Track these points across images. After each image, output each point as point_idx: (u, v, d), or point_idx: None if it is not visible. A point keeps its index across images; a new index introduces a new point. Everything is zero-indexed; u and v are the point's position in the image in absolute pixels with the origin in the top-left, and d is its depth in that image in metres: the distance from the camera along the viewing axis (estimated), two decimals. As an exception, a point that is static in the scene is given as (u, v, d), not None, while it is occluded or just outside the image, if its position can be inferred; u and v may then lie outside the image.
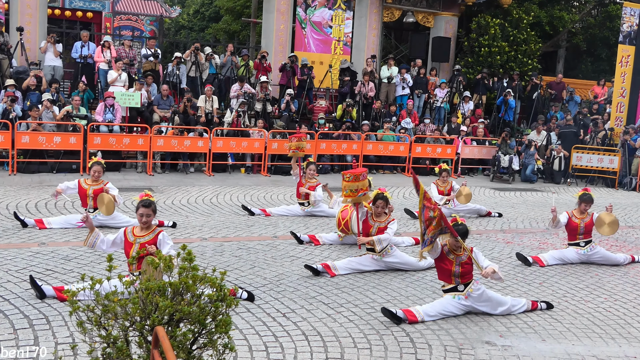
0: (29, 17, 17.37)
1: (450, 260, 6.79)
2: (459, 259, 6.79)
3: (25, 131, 13.94)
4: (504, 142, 18.15)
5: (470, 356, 5.92)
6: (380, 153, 17.49)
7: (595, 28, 26.17)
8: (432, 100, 20.14)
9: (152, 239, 6.60)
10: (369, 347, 5.94)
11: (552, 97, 21.63)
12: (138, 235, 6.63)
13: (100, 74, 16.86)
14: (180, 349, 3.66)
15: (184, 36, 34.09)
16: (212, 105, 16.53)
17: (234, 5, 32.18)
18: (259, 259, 8.53)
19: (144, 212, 6.62)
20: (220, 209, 11.62)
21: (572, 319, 7.05)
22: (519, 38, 22.11)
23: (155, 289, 3.69)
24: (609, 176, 18.36)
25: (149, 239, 6.59)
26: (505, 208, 13.63)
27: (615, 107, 19.73)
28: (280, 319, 6.43)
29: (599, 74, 25.52)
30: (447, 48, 22.05)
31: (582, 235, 9.34)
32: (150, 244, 6.53)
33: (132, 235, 6.65)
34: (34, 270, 7.34)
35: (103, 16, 31.27)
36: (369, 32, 21.49)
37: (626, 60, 19.42)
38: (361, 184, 8.36)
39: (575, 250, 9.35)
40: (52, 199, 10.59)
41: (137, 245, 6.53)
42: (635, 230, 12.23)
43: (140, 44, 23.56)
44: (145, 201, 6.68)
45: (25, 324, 5.82)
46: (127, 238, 6.65)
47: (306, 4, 20.68)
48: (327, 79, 19.75)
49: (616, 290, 8.23)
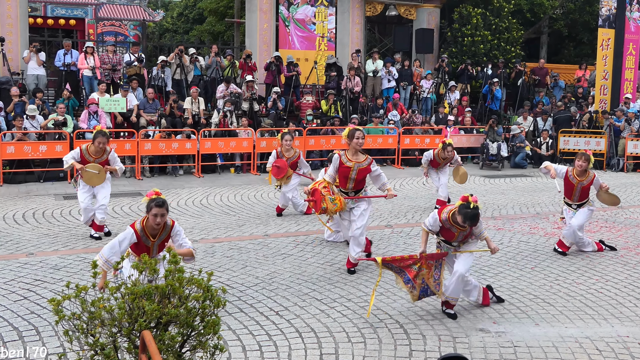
0: (9, 27, 17.26)
1: (453, 233, 6.63)
2: (462, 233, 6.61)
3: (10, 141, 13.85)
4: (491, 130, 18.18)
5: (464, 344, 5.93)
6: (369, 146, 17.48)
7: (575, 13, 26.25)
8: (418, 91, 20.17)
9: (168, 236, 6.20)
10: (363, 341, 5.94)
11: (536, 82, 21.69)
12: (154, 240, 6.13)
13: (84, 81, 16.78)
14: (169, 352, 3.64)
15: (169, 39, 33.98)
16: (198, 106, 16.50)
17: (217, 6, 32.07)
18: (250, 258, 8.51)
19: (158, 212, 5.97)
20: (211, 210, 11.59)
21: (565, 302, 7.07)
22: (501, 26, 22.17)
23: (142, 293, 3.67)
24: (597, 158, 18.39)
25: (165, 237, 6.18)
26: (496, 195, 13.66)
27: (599, 90, 19.81)
28: (274, 317, 6.42)
29: (582, 58, 25.63)
30: (430, 39, 22.07)
31: (577, 196, 9.06)
32: (167, 241, 6.18)
33: (147, 239, 6.09)
34: (22, 281, 7.30)
35: (86, 23, 31.17)
36: (352, 27, 21.48)
37: (607, 43, 19.50)
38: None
39: (566, 210, 9.24)
40: (73, 185, 9.77)
41: (156, 246, 6.17)
42: (624, 210, 12.28)
43: (124, 48, 23.46)
44: (158, 200, 6.01)
45: (14, 336, 5.78)
46: (144, 243, 6.09)
47: (288, 2, 20.64)
48: (313, 75, 19.74)
49: (607, 271, 8.26)
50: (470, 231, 6.59)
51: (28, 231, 9.72)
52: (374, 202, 11.85)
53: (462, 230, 6.52)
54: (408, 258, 6.49)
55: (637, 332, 6.29)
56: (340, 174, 7.97)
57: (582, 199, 9.12)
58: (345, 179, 7.97)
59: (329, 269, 8.13)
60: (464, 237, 6.65)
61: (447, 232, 6.63)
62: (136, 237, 6.04)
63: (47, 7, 30.16)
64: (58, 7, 30.53)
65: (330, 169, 8.10)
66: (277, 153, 11.26)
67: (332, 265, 8.27)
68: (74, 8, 30.93)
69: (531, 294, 7.31)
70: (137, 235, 6.04)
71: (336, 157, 8.00)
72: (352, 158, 7.93)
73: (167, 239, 6.21)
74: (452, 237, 6.63)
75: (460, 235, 6.59)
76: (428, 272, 6.50)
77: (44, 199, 12.23)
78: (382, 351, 5.74)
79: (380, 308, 6.75)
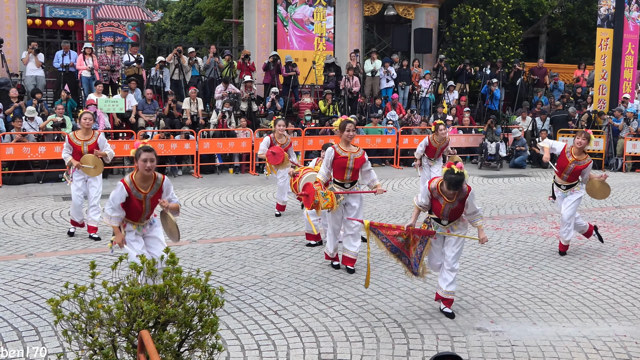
0: (8, 29, 17.27)
1: (440, 204, 6.56)
2: (449, 206, 6.52)
3: (9, 143, 13.87)
4: (490, 130, 18.20)
5: (462, 343, 5.95)
6: (368, 146, 17.49)
7: (574, 12, 26.29)
8: (416, 91, 20.19)
9: (159, 190, 6.17)
10: (361, 340, 5.96)
11: (535, 82, 21.72)
12: (145, 191, 6.09)
13: (83, 82, 16.79)
14: (168, 351, 3.66)
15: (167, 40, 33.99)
16: (197, 107, 16.53)
17: (216, 6, 32.11)
18: (249, 258, 8.53)
19: (148, 157, 5.94)
20: (209, 211, 11.61)
21: (562, 301, 7.09)
22: (499, 26, 22.19)
23: (140, 293, 3.69)
24: (596, 158, 18.40)
25: (156, 191, 6.15)
26: (494, 195, 13.68)
27: (598, 89, 19.83)
28: (272, 317, 6.43)
29: (580, 58, 25.64)
30: (429, 39, 22.10)
31: (567, 175, 8.90)
32: (160, 196, 6.15)
33: (139, 192, 6.06)
34: (22, 282, 7.32)
35: (84, 24, 31.19)
36: (351, 27, 21.51)
37: (605, 43, 19.51)
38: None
39: (556, 191, 9.13)
40: (66, 181, 9.88)
41: (148, 201, 6.15)
42: (622, 210, 12.30)
43: (123, 49, 23.47)
44: (146, 146, 6.01)
45: (14, 336, 5.80)
46: (135, 196, 6.06)
47: (287, 2, 20.66)
48: (311, 76, 19.75)
49: (605, 271, 8.28)
50: (459, 208, 6.51)
51: (27, 232, 9.74)
52: (372, 202, 11.87)
53: (448, 202, 6.43)
54: (395, 228, 6.57)
55: (634, 331, 6.31)
56: (336, 165, 7.94)
57: (571, 180, 8.92)
58: (342, 169, 7.95)
59: (327, 269, 8.15)
60: (454, 215, 6.55)
61: (436, 204, 6.55)
62: (126, 190, 6.03)
63: (46, 8, 30.19)
64: (56, 8, 30.57)
65: (323, 167, 7.99)
66: (270, 139, 11.22)
67: (330, 265, 8.28)
68: (72, 9, 30.96)
69: (529, 294, 7.33)
70: (127, 188, 6.03)
71: (330, 151, 7.96)
72: (346, 149, 7.97)
73: (159, 193, 6.17)
74: (439, 208, 6.54)
75: (446, 208, 6.49)
76: (412, 246, 6.52)
77: (43, 200, 12.25)
78: (380, 350, 5.76)
79: (378, 307, 6.77)
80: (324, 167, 7.98)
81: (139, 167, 6.02)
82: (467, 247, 9.22)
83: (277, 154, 10.91)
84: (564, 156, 8.89)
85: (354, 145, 8.10)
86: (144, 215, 6.29)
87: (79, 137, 9.29)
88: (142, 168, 5.98)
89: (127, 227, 6.27)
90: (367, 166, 8.12)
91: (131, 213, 6.22)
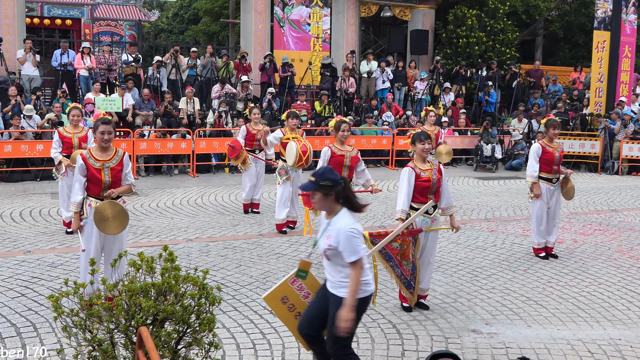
0: (7, 27, 17.27)
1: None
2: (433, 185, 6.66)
3: (7, 140, 13.88)
4: (485, 132, 18.26)
5: (456, 345, 5.99)
6: (363, 147, 17.53)
7: (571, 15, 26.37)
8: (412, 92, 20.24)
9: (119, 162, 6.35)
10: (356, 340, 5.97)
11: (531, 84, 21.79)
12: (103, 160, 6.27)
13: (80, 81, 16.81)
14: (165, 348, 3.70)
15: (164, 39, 33.99)
16: (193, 106, 16.56)
17: (213, 6, 32.09)
18: (245, 257, 8.56)
19: (105, 129, 6.19)
20: (205, 210, 11.63)
21: (557, 304, 7.13)
22: (496, 28, 22.25)
23: (139, 290, 3.72)
24: (592, 161, 18.54)
25: (117, 163, 6.33)
26: (489, 197, 13.74)
27: (594, 92, 19.91)
28: (268, 316, 6.46)
29: (577, 60, 25.73)
30: (425, 41, 22.16)
31: (557, 167, 8.81)
32: (120, 168, 6.33)
33: (95, 161, 6.24)
34: (20, 279, 7.34)
35: (82, 23, 31.20)
36: (347, 28, 21.55)
37: (602, 45, 19.58)
38: None
39: (546, 187, 8.85)
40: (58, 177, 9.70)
41: (107, 170, 6.27)
42: (618, 213, 12.36)
43: (120, 49, 23.48)
44: (104, 118, 6.30)
45: (12, 332, 5.83)
46: (91, 164, 6.23)
47: (283, 2, 20.68)
48: (307, 76, 19.79)
49: (600, 274, 8.32)
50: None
51: (25, 229, 9.76)
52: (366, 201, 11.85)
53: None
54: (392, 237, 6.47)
55: (629, 334, 6.35)
56: (334, 164, 8.09)
57: (559, 169, 8.86)
58: (340, 167, 8.13)
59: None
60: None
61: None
62: (83, 161, 6.23)
63: (44, 7, 30.21)
64: (54, 7, 30.58)
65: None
66: (246, 128, 11.27)
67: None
68: (70, 8, 30.98)
69: (524, 296, 7.37)
70: (82, 157, 6.25)
71: (326, 150, 8.19)
72: (341, 148, 8.26)
73: (120, 166, 6.34)
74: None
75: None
76: (407, 250, 6.53)
77: (41, 197, 12.26)
78: (375, 350, 5.79)
79: (372, 308, 6.80)
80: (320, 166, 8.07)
81: (96, 139, 6.32)
82: (463, 249, 9.29)
83: (235, 147, 11.00)
84: (546, 152, 8.79)
85: (348, 145, 8.36)
86: (104, 187, 6.32)
87: (69, 131, 9.53)
88: (100, 139, 6.25)
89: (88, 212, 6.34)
90: (362, 166, 8.39)
91: (92, 185, 6.33)
